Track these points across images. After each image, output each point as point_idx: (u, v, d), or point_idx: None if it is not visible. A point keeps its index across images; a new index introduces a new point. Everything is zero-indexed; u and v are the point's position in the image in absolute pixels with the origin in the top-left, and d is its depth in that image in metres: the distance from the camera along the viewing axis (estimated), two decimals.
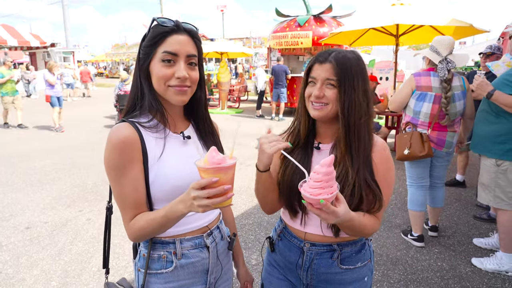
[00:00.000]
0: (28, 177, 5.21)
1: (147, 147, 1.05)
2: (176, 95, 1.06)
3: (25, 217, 3.87)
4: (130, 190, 1.03)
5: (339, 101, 1.09)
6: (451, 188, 4.72)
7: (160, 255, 1.12)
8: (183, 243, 1.13)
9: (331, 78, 1.09)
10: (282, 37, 10.90)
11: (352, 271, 1.23)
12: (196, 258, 1.15)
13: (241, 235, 3.44)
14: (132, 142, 1.03)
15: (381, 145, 1.18)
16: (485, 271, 2.82)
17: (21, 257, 3.07)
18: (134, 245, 1.19)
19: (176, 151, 1.11)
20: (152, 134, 1.08)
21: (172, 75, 1.04)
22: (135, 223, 1.04)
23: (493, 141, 2.68)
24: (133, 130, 1.04)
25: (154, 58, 1.05)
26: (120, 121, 1.09)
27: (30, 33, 21.53)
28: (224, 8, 35.85)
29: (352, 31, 6.67)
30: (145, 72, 1.07)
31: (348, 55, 1.11)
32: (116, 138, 1.02)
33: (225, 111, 11.97)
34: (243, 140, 7.61)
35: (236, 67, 22.08)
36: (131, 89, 1.13)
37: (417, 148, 2.94)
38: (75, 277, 2.78)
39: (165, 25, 1.04)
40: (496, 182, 2.71)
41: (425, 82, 2.95)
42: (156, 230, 1.04)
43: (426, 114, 2.97)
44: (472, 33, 6.09)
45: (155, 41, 1.04)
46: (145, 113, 1.11)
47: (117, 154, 1.02)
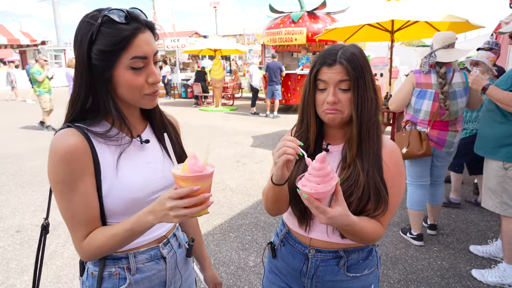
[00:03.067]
0: (18, 179, 5.09)
1: (99, 156, 0.93)
2: (150, 101, 0.97)
3: (16, 220, 3.76)
4: (81, 206, 0.92)
5: (353, 102, 1.03)
6: (448, 185, 4.68)
7: (111, 272, 1.01)
8: (137, 257, 1.02)
9: (344, 79, 1.02)
10: (276, 33, 10.83)
11: (359, 279, 1.17)
12: (152, 271, 1.05)
13: (238, 236, 3.38)
14: (81, 152, 0.90)
15: (392, 146, 1.12)
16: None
17: (11, 262, 2.97)
18: (81, 262, 1.06)
19: (133, 158, 1.00)
20: (106, 142, 0.95)
21: (145, 82, 0.93)
22: (91, 241, 0.93)
23: (500, 143, 2.52)
24: (81, 138, 0.91)
25: (118, 66, 0.89)
26: (64, 126, 0.94)
27: (20, 31, 21.19)
28: (217, 5, 35.55)
29: (347, 27, 6.61)
30: (105, 80, 0.91)
31: (354, 51, 1.04)
32: (62, 149, 0.89)
33: (219, 109, 11.87)
34: (238, 138, 7.55)
35: (230, 64, 21.95)
36: (74, 98, 0.95)
37: (415, 147, 2.89)
38: (67, 282, 2.69)
39: (123, 23, 0.87)
40: (503, 187, 2.53)
41: (425, 79, 2.91)
42: (117, 246, 0.94)
43: (426, 112, 2.92)
44: (468, 29, 6.06)
45: (118, 46, 0.87)
46: (102, 122, 0.97)
47: (64, 167, 0.89)
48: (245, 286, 2.65)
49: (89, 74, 0.91)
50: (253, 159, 5.93)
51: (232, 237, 3.36)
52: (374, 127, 1.07)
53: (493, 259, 2.95)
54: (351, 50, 1.04)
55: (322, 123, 1.14)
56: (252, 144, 7.09)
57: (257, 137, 7.70)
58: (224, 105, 12.80)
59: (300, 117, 1.16)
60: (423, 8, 5.65)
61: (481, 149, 2.70)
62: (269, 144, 7.01)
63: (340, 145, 1.14)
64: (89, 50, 0.88)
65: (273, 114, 10.39)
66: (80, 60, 0.90)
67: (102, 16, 0.87)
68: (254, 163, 5.70)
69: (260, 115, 10.77)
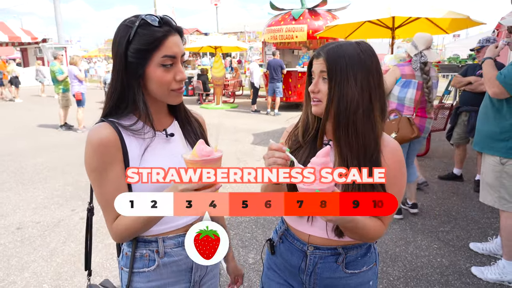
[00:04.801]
0: (19, 176, 5.10)
1: (128, 147, 1.04)
2: (176, 97, 1.08)
3: (16, 217, 3.77)
4: (112, 191, 1.01)
5: (328, 94, 1.04)
6: (449, 182, 4.69)
7: (142, 253, 1.12)
8: (165, 242, 1.13)
9: (323, 70, 1.04)
10: (276, 30, 10.80)
11: (357, 275, 1.17)
12: (179, 257, 1.14)
13: (237, 233, 3.39)
14: (113, 144, 1.02)
15: (394, 144, 1.11)
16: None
17: (11, 259, 2.98)
18: (118, 244, 1.19)
19: (159, 149, 1.10)
20: (134, 135, 1.06)
21: (173, 78, 1.04)
22: (119, 223, 1.04)
23: (496, 138, 2.54)
24: (113, 131, 1.03)
25: (151, 64, 1.01)
26: (99, 121, 1.07)
27: (21, 29, 21.18)
28: (218, 2, 35.51)
29: (348, 24, 6.61)
30: (139, 76, 1.03)
31: (345, 46, 1.04)
32: (96, 141, 1.01)
33: (220, 106, 11.87)
34: (239, 136, 7.55)
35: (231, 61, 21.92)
36: (111, 92, 1.07)
37: (408, 131, 3.24)
38: (67, 279, 2.70)
39: (157, 26, 1.00)
40: (501, 182, 2.55)
41: (409, 70, 3.32)
42: (141, 227, 1.04)
43: (410, 100, 3.31)
44: (469, 25, 6.04)
45: (152, 46, 1.00)
46: (129, 116, 1.08)
47: (98, 157, 1.01)
48: (245, 283, 2.65)
49: (125, 70, 1.02)
50: (253, 157, 5.93)
51: (232, 235, 3.36)
52: (366, 121, 1.04)
53: (493, 256, 2.95)
54: (342, 45, 1.05)
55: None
56: (252, 142, 7.09)
57: (258, 135, 7.70)
58: (225, 103, 12.80)
59: (302, 112, 1.20)
60: (424, 5, 5.63)
61: (478, 145, 2.74)
62: (269, 142, 7.01)
63: None
64: (126, 50, 1.00)
65: (274, 112, 10.37)
66: (118, 59, 1.02)
67: (139, 19, 1.00)
68: (255, 160, 5.70)
69: (261, 113, 10.76)
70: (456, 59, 20.36)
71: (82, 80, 7.90)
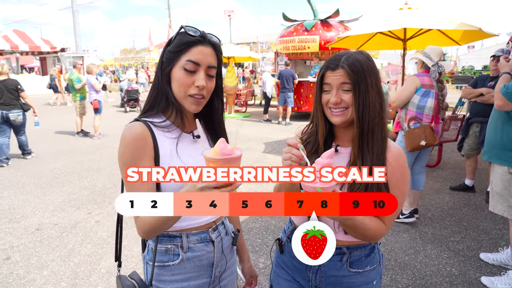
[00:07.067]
0: (38, 180, 5.29)
1: (159, 144, 1.11)
2: (192, 104, 1.13)
3: (36, 218, 3.92)
4: (140, 185, 1.05)
5: (354, 104, 1.11)
6: (460, 193, 4.67)
7: (167, 248, 1.17)
8: (189, 237, 1.18)
9: (345, 82, 1.11)
10: (289, 41, 10.94)
11: (361, 275, 1.23)
12: (201, 252, 1.20)
13: (248, 239, 3.45)
14: (144, 140, 1.09)
15: (398, 150, 1.18)
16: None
17: (31, 258, 3.11)
18: (143, 239, 1.25)
19: (187, 149, 1.17)
20: (164, 133, 1.14)
21: (192, 83, 1.10)
22: (142, 219, 1.06)
23: (505, 148, 2.58)
24: (145, 128, 1.11)
25: (176, 65, 1.10)
26: (133, 120, 1.15)
27: (40, 38, 21.84)
28: (231, 13, 36.08)
29: (359, 35, 6.66)
30: (167, 75, 1.13)
31: (358, 57, 1.12)
32: (129, 137, 1.09)
33: (232, 115, 12.02)
34: (250, 145, 7.64)
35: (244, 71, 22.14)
36: (153, 90, 1.17)
37: (432, 139, 3.52)
38: (84, 278, 2.81)
39: (192, 35, 1.10)
40: (510, 192, 2.58)
41: (428, 80, 3.57)
42: (161, 224, 1.04)
43: (430, 108, 3.55)
44: (481, 37, 6.04)
45: (180, 48, 1.10)
46: (159, 114, 1.17)
47: (130, 152, 1.08)
48: None
49: (160, 70, 1.14)
50: (264, 165, 5.99)
51: None
52: (379, 129, 1.13)
53: (504, 266, 2.93)
54: (355, 56, 1.13)
55: (332, 125, 1.23)
56: (264, 150, 7.17)
57: (269, 144, 7.78)
58: (237, 112, 12.95)
59: (311, 119, 1.28)
60: (435, 17, 5.66)
61: (487, 154, 2.78)
62: (281, 151, 7.06)
63: (349, 147, 1.21)
64: (163, 52, 1.14)
65: (285, 121, 10.46)
66: (159, 61, 1.15)
67: (180, 28, 1.13)
68: None
69: (272, 122, 10.86)
70: (470, 70, 20.12)
71: (98, 90, 8.10)
